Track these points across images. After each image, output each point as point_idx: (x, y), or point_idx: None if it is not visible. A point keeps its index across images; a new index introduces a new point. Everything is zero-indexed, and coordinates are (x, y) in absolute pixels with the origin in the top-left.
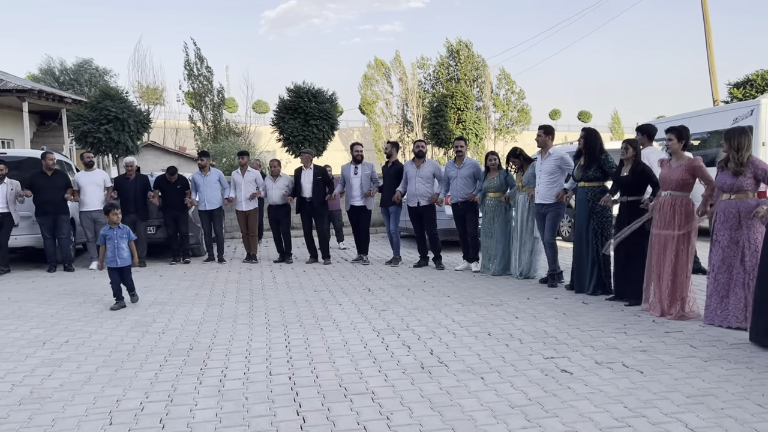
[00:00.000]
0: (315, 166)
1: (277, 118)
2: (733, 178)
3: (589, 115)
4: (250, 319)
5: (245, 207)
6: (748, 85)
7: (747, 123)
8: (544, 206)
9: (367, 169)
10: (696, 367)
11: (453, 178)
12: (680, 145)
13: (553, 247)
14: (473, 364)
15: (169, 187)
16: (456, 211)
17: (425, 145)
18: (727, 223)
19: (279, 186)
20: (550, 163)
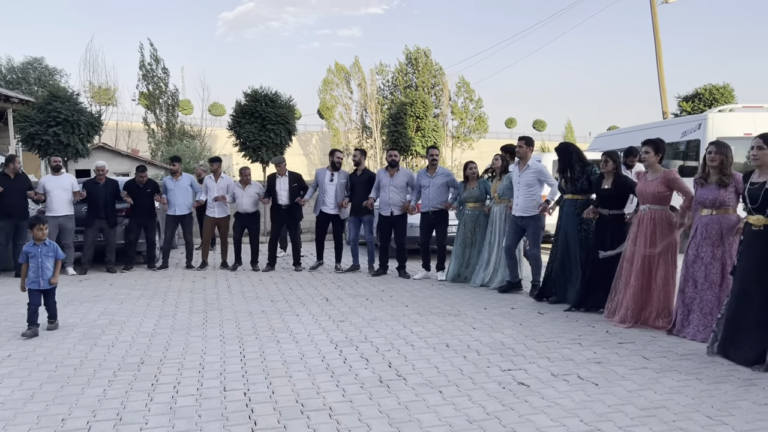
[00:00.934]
0: (290, 173)
1: (233, 123)
2: (716, 192)
3: (543, 124)
4: (204, 331)
5: (217, 214)
6: (697, 99)
7: (695, 136)
8: (524, 219)
9: (343, 177)
10: (648, 379)
11: (425, 187)
12: (657, 158)
13: (538, 260)
14: (432, 377)
15: (139, 192)
16: (426, 220)
17: (398, 154)
18: (709, 240)
19: (249, 194)
20: (529, 176)
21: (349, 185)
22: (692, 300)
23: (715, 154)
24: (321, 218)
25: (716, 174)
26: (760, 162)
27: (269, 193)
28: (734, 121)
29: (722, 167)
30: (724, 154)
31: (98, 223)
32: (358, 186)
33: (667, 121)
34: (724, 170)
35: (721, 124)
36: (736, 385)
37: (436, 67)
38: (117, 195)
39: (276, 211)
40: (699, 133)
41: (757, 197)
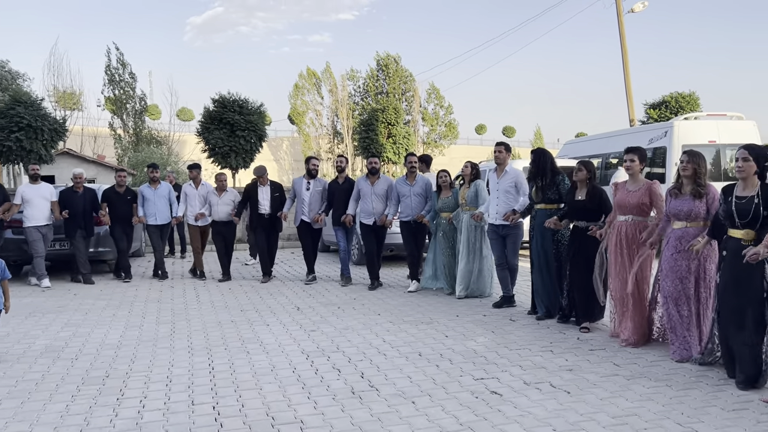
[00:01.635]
0: (272, 182)
1: (202, 129)
2: (691, 203)
3: (513, 130)
4: (172, 342)
5: (201, 222)
6: (663, 107)
7: (661, 144)
8: (504, 227)
9: (319, 186)
10: (620, 386)
11: (405, 196)
12: (642, 167)
13: (514, 271)
14: (404, 387)
15: (119, 199)
16: (407, 229)
17: (379, 161)
18: (684, 253)
19: (225, 201)
20: (507, 182)
21: (329, 194)
22: (670, 317)
23: (687, 163)
24: (302, 228)
25: (690, 184)
26: (746, 174)
27: (244, 202)
28: (699, 129)
29: (696, 177)
30: (696, 163)
31: (80, 232)
32: (338, 194)
33: (634, 128)
34: (699, 180)
35: (687, 132)
36: (705, 391)
37: (407, 73)
38: (95, 204)
39: (258, 220)
40: (665, 141)
41: (748, 211)
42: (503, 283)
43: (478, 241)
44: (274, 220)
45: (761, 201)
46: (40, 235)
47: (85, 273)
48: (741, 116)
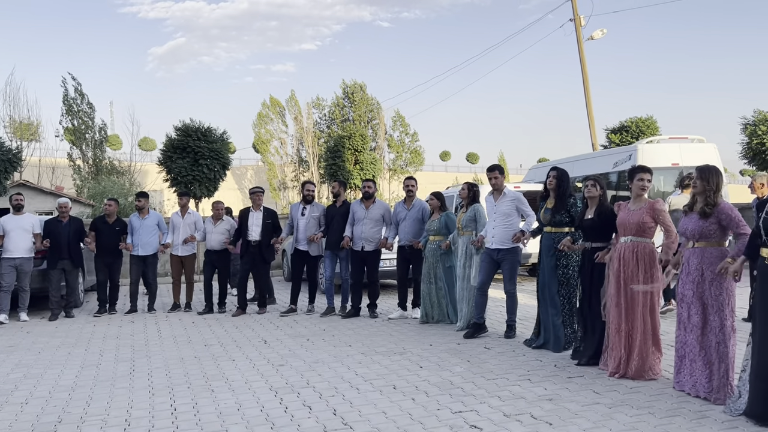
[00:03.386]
0: (265, 208)
1: (164, 157)
2: (698, 222)
3: (476, 156)
4: (131, 381)
5: (181, 252)
6: (624, 131)
7: (625, 167)
8: (500, 252)
9: (316, 211)
10: (602, 416)
11: (402, 219)
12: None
13: (514, 297)
14: (379, 424)
15: (107, 229)
16: (402, 254)
17: (374, 185)
18: (690, 276)
19: (220, 230)
20: (506, 204)
21: (326, 219)
22: (683, 345)
23: (696, 179)
24: (295, 256)
25: (701, 202)
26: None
27: (240, 230)
28: (662, 152)
29: (706, 195)
30: (705, 179)
31: (61, 264)
32: (336, 219)
33: (599, 152)
34: (708, 199)
35: (650, 155)
36: (688, 418)
37: (373, 101)
38: (81, 234)
39: (245, 248)
40: (630, 164)
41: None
42: (477, 308)
43: (468, 268)
44: (263, 249)
45: None
46: (11, 269)
47: (54, 309)
48: (702, 139)
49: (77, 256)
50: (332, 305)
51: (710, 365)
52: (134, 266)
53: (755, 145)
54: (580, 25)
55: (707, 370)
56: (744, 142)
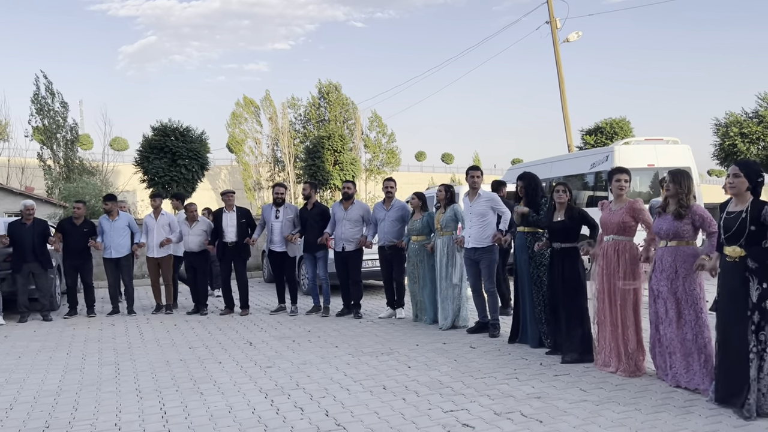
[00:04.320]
0: (238, 208)
1: (140, 158)
2: (672, 222)
3: (451, 157)
4: (117, 385)
5: (157, 253)
6: (599, 132)
7: (603, 168)
8: (477, 251)
9: (290, 213)
10: (590, 413)
11: (381, 220)
12: None
13: (493, 295)
14: (373, 424)
15: (74, 231)
16: (383, 255)
17: (353, 186)
18: (664, 273)
19: (196, 231)
20: (481, 205)
21: (300, 221)
22: (659, 339)
23: (669, 183)
24: (272, 258)
25: (674, 204)
26: (737, 190)
27: (216, 231)
28: (638, 153)
29: (679, 197)
30: (678, 183)
31: (27, 267)
32: (310, 221)
33: (577, 153)
34: (681, 201)
35: (627, 156)
36: (673, 413)
37: (348, 101)
38: (46, 236)
39: (222, 249)
40: (607, 165)
41: (731, 227)
42: (479, 309)
43: (449, 267)
44: (240, 249)
45: (749, 216)
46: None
47: (23, 313)
48: (677, 140)
49: (45, 258)
50: (318, 303)
51: (688, 356)
52: (109, 269)
53: (727, 147)
54: (556, 28)
55: (685, 362)
56: (716, 144)
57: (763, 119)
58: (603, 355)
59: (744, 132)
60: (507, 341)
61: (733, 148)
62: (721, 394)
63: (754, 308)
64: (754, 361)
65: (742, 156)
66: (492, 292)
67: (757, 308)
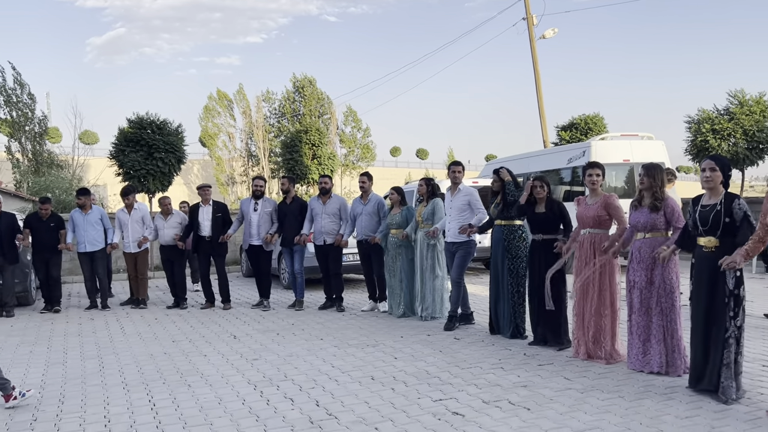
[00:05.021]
0: (214, 202)
1: (116, 151)
2: (648, 215)
3: (426, 152)
4: (103, 378)
5: (133, 249)
6: (574, 128)
7: (579, 163)
8: (455, 245)
9: (268, 206)
10: (575, 400)
11: (358, 214)
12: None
13: (459, 287)
14: (364, 413)
15: (41, 225)
16: (361, 249)
17: (330, 181)
18: (642, 263)
19: (171, 225)
20: (460, 199)
21: (278, 215)
22: (635, 327)
23: (643, 176)
24: (251, 252)
25: (649, 197)
26: (713, 184)
27: (190, 225)
28: (614, 149)
29: (653, 190)
30: (652, 176)
31: None
32: (289, 215)
33: (554, 148)
34: (656, 194)
35: (603, 151)
36: (655, 400)
37: (324, 95)
38: (14, 230)
39: (199, 243)
40: (583, 160)
41: (707, 219)
42: (462, 301)
43: (431, 260)
44: (217, 244)
45: (723, 209)
46: None
47: (6, 305)
48: (651, 136)
49: (11, 252)
50: (301, 297)
51: (662, 342)
52: (84, 264)
53: (699, 143)
54: (533, 24)
55: (659, 347)
56: (689, 140)
57: (734, 116)
58: (582, 344)
59: (715, 128)
60: (489, 333)
61: (705, 144)
62: (696, 379)
63: (731, 294)
64: (732, 345)
65: (714, 152)
66: (458, 282)
67: (732, 295)
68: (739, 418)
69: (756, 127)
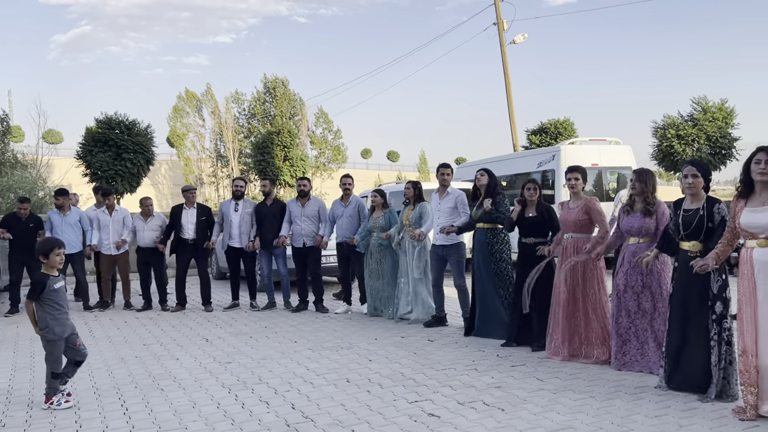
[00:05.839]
0: (199, 205)
1: (83, 151)
2: (642, 220)
3: (397, 155)
4: (73, 383)
5: (113, 250)
6: (543, 132)
7: (549, 167)
8: (444, 248)
9: (249, 207)
10: (548, 400)
11: (339, 216)
12: (583, 186)
13: (465, 291)
14: (340, 416)
15: (20, 226)
16: (341, 251)
17: (308, 183)
18: (637, 268)
19: (151, 227)
20: (449, 202)
21: (257, 217)
22: (627, 330)
23: (635, 181)
24: (230, 253)
25: (640, 202)
26: (696, 190)
27: (170, 228)
28: (583, 153)
29: (645, 195)
30: (644, 181)
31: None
32: (268, 218)
33: (525, 152)
34: (647, 198)
35: (572, 156)
36: (626, 399)
37: (295, 97)
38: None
39: (182, 246)
40: (553, 164)
41: (690, 223)
42: (437, 303)
43: (417, 262)
44: (199, 247)
45: (705, 213)
46: None
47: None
48: (618, 141)
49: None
50: (273, 300)
51: (660, 345)
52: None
53: (665, 148)
54: (503, 29)
55: (659, 350)
56: (654, 145)
57: (698, 122)
58: (566, 346)
59: (680, 134)
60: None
61: (671, 149)
62: (678, 381)
63: (715, 298)
64: (716, 347)
65: (679, 157)
66: (463, 287)
67: (718, 298)
68: (706, 416)
69: (719, 133)
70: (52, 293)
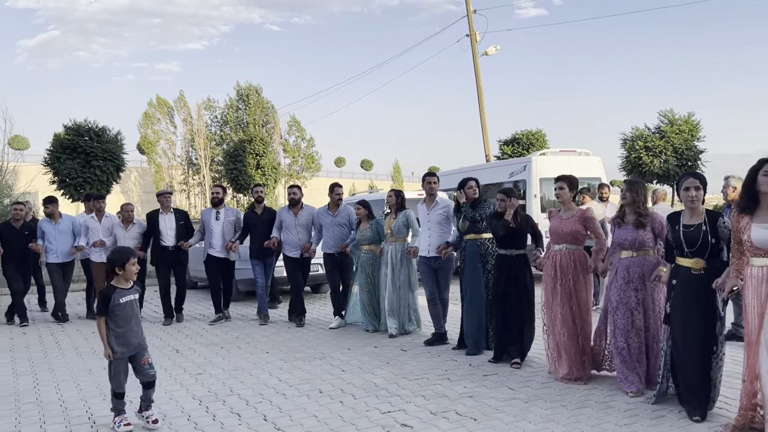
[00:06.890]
0: (176, 210)
1: (51, 158)
2: (635, 232)
3: (371, 163)
4: (38, 396)
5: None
6: (516, 143)
7: (521, 177)
8: (437, 260)
9: (231, 215)
10: (520, 410)
11: (327, 225)
12: (572, 195)
13: (446, 305)
14: (313, 427)
15: (14, 235)
16: (330, 261)
17: (299, 191)
18: (631, 284)
19: (132, 235)
20: (439, 213)
21: (245, 225)
22: (624, 349)
23: (626, 192)
24: (209, 263)
25: (632, 214)
26: (697, 204)
27: (149, 234)
28: (553, 164)
29: (636, 206)
30: (635, 191)
31: None
32: (259, 227)
33: (497, 162)
34: (639, 210)
35: (543, 166)
36: (596, 409)
37: (269, 105)
38: None
39: (162, 254)
40: (524, 174)
41: (696, 239)
42: (435, 319)
43: (404, 275)
44: (179, 254)
45: (708, 228)
46: None
47: None
48: (588, 152)
49: None
50: (267, 313)
51: (649, 365)
52: (55, 274)
53: (633, 159)
54: (476, 41)
55: (654, 367)
56: (623, 156)
57: (665, 134)
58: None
59: (648, 146)
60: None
61: (639, 160)
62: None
63: (719, 317)
64: (720, 363)
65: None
66: (446, 301)
67: (719, 317)
68: (673, 424)
69: (685, 145)
70: (117, 307)
